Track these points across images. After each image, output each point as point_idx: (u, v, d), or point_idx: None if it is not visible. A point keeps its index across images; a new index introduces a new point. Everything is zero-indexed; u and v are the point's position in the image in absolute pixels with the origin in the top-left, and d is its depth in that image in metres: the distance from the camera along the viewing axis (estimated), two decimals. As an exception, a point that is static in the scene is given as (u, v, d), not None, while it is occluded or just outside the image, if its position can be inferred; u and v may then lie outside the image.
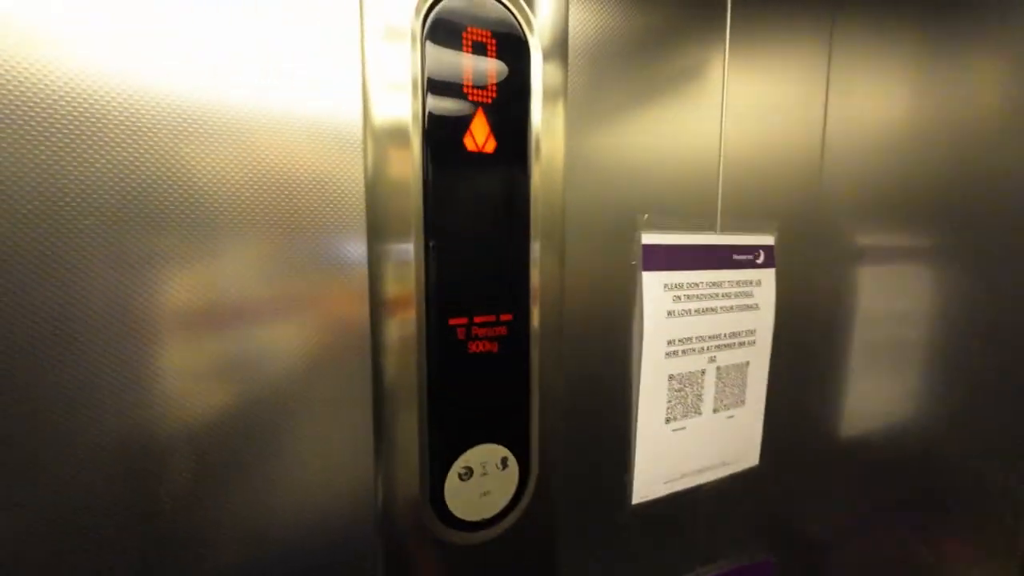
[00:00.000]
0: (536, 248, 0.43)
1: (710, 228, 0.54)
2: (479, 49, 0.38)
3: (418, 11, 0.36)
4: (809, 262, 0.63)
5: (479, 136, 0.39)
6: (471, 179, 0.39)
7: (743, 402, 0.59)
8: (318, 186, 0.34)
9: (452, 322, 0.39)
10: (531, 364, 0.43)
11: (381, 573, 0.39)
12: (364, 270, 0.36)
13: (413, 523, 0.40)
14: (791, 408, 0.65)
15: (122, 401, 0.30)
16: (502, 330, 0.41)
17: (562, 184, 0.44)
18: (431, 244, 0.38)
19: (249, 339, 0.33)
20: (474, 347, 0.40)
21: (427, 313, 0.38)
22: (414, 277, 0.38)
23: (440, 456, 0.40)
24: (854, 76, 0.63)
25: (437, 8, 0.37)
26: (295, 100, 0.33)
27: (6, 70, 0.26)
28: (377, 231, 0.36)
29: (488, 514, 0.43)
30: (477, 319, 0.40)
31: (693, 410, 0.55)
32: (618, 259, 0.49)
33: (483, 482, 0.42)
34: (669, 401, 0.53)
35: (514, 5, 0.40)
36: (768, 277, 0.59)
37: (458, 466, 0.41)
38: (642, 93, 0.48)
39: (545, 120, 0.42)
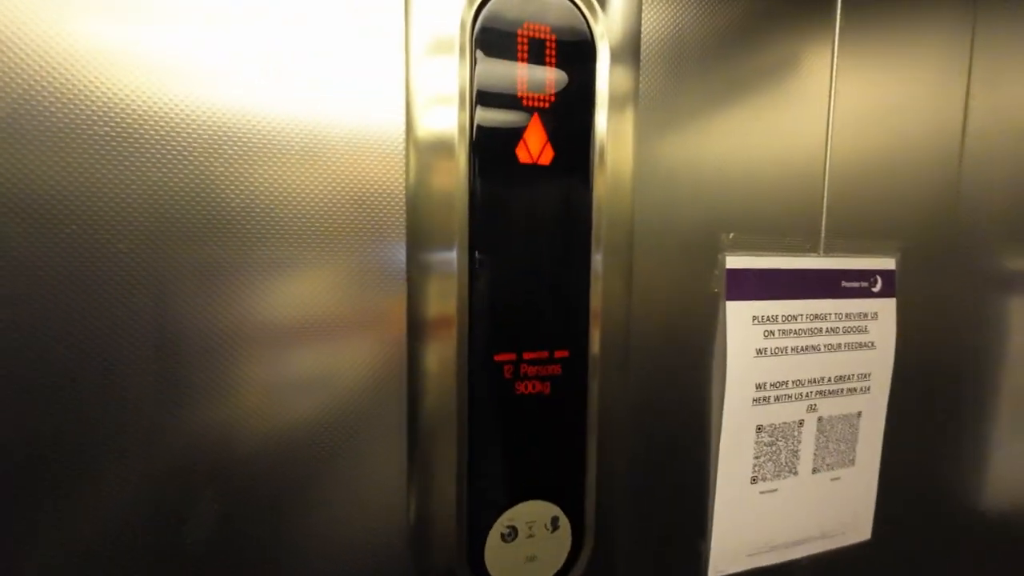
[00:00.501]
0: (598, 273, 0.37)
1: (812, 249, 0.45)
2: (536, 49, 0.34)
3: (470, 3, 0.32)
4: (942, 290, 0.51)
5: (534, 146, 0.34)
6: (523, 195, 0.34)
7: (852, 461, 0.48)
8: (357, 204, 0.31)
9: (498, 358, 0.34)
10: (589, 409, 0.37)
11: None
12: (403, 296, 0.32)
13: (449, 585, 0.35)
14: (917, 471, 0.52)
15: (155, 427, 0.28)
16: (555, 369, 0.36)
17: (630, 200, 0.38)
18: (476, 271, 0.33)
19: (279, 365, 0.30)
20: (522, 388, 0.35)
21: (469, 346, 0.34)
22: (455, 306, 0.33)
23: (480, 512, 0.35)
24: (1004, 65, 0.51)
25: (489, 4, 0.32)
26: (334, 110, 0.30)
27: (49, 82, 0.25)
28: (417, 256, 0.33)
29: (535, 582, 0.37)
30: (527, 355, 0.35)
31: (787, 469, 0.46)
32: (696, 285, 0.41)
33: (529, 545, 0.36)
34: (757, 457, 0.44)
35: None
36: (887, 309, 0.48)
37: (501, 524, 0.35)
38: (729, 93, 0.41)
39: (612, 127, 0.36)
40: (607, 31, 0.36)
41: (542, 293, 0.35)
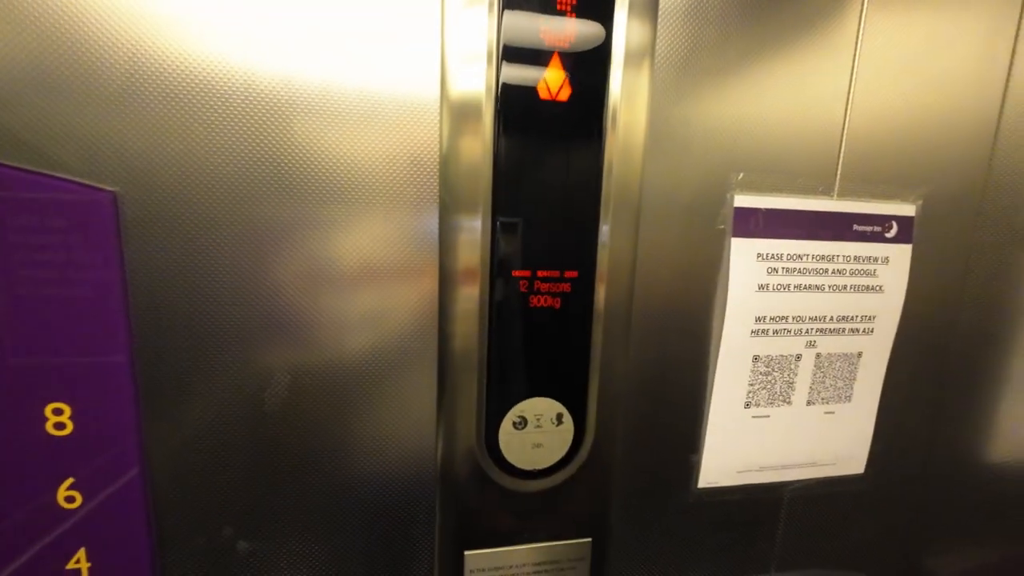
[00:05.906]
0: (608, 205, 0.41)
1: (825, 192, 0.47)
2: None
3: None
4: (966, 241, 0.51)
5: (553, 85, 0.38)
6: (543, 134, 0.38)
7: (848, 398, 0.51)
8: (391, 158, 0.36)
9: (516, 274, 0.40)
10: (593, 325, 0.42)
11: (437, 511, 0.42)
12: (434, 229, 0.38)
13: (469, 466, 0.42)
14: (920, 419, 0.54)
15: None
16: (565, 287, 0.41)
17: (643, 139, 0.41)
18: (499, 207, 0.38)
19: (329, 308, 0.37)
20: (536, 301, 0.40)
21: (491, 265, 0.39)
22: (481, 234, 0.39)
23: (496, 403, 0.41)
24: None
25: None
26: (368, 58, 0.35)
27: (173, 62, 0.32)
28: (449, 194, 0.38)
29: (541, 465, 0.43)
30: (540, 273, 0.40)
31: (781, 398, 0.49)
32: (704, 223, 0.45)
33: (537, 434, 0.43)
34: (751, 384, 0.48)
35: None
36: (901, 255, 0.49)
37: (513, 415, 0.42)
38: (750, 37, 0.42)
39: (627, 77, 0.39)
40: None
41: (556, 219, 0.40)
